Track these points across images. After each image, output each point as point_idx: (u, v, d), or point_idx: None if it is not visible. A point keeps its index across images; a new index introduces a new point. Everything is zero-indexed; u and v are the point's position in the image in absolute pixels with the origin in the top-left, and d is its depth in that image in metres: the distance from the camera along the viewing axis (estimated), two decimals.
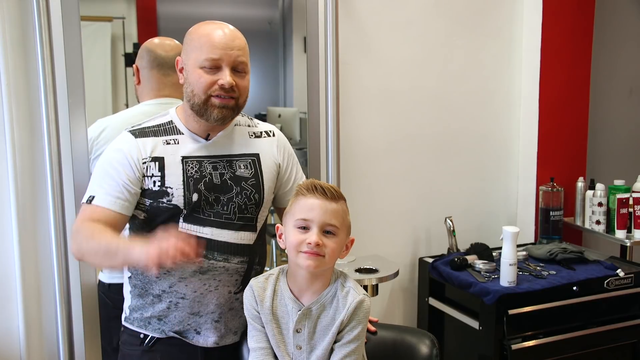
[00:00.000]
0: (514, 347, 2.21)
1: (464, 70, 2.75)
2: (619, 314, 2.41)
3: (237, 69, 1.52)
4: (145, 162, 1.54)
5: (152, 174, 1.54)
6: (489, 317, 2.24)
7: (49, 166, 1.99)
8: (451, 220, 2.62)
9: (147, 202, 1.55)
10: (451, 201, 2.77)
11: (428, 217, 2.74)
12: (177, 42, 2.04)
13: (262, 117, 2.93)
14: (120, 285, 1.70)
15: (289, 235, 1.39)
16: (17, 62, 1.97)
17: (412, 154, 2.69)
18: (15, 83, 1.97)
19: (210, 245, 1.55)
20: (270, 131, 1.71)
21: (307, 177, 2.34)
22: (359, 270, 2.34)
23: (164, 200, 1.53)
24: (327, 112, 2.39)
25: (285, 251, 1.43)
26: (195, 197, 1.54)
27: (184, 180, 1.55)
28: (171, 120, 1.61)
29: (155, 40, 2.04)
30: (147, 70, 2.01)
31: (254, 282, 1.46)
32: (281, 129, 1.78)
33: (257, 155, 1.65)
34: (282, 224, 1.46)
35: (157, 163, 1.55)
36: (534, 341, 2.26)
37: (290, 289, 1.43)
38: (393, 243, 2.69)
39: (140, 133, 1.57)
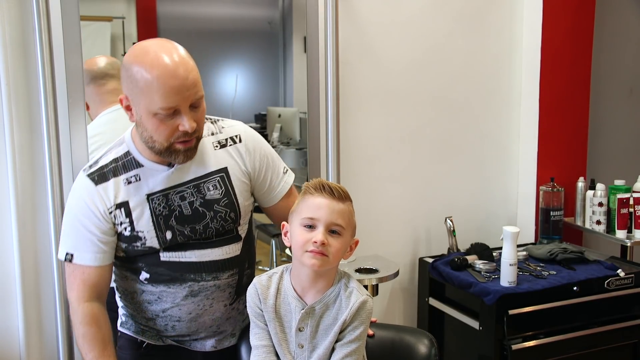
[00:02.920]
0: (514, 347, 2.21)
1: (464, 70, 2.74)
2: (619, 314, 2.41)
3: (194, 105, 1.39)
4: (111, 212, 1.47)
5: (121, 222, 1.47)
6: (489, 317, 2.24)
7: (48, 166, 1.99)
8: (451, 220, 2.62)
9: (123, 245, 1.50)
10: (451, 201, 2.77)
11: (428, 217, 2.74)
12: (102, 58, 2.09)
13: (262, 117, 2.93)
14: None
15: (294, 233, 1.39)
16: (17, 63, 1.97)
17: (412, 154, 2.69)
18: (15, 83, 1.97)
19: (197, 268, 1.52)
20: (236, 136, 1.57)
21: (307, 178, 2.34)
22: (359, 270, 2.34)
23: (138, 244, 1.49)
24: (327, 112, 2.39)
25: (290, 249, 1.43)
26: (169, 234, 1.48)
27: (153, 221, 1.47)
28: (128, 151, 1.50)
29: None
30: (87, 89, 2.03)
31: (258, 281, 1.46)
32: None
33: (224, 170, 1.54)
34: (287, 222, 1.45)
35: (122, 209, 1.47)
36: (534, 341, 2.26)
37: (293, 288, 1.43)
38: (393, 243, 2.69)
39: (99, 177, 1.48)
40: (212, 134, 1.55)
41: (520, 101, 2.84)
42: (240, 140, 1.57)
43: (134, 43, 2.59)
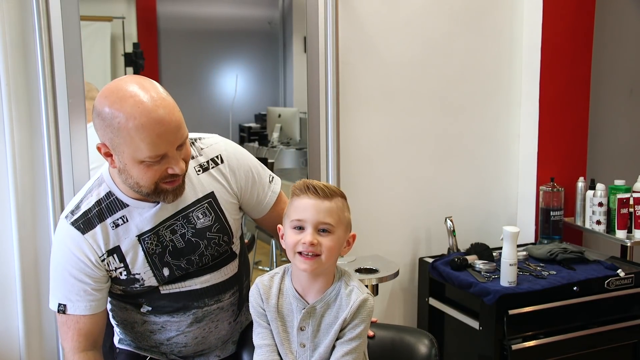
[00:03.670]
0: (514, 347, 2.21)
1: (464, 70, 2.74)
2: (619, 314, 2.41)
3: (180, 145, 1.32)
4: (104, 259, 1.42)
5: (116, 267, 1.43)
6: (489, 317, 2.24)
7: (48, 166, 1.99)
8: (451, 220, 2.62)
9: (120, 287, 1.47)
10: (451, 201, 2.77)
11: (428, 217, 2.74)
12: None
13: (262, 117, 2.93)
14: None
15: (286, 236, 1.39)
16: (17, 63, 1.97)
17: (412, 154, 2.69)
18: (15, 83, 1.97)
19: (199, 295, 1.50)
20: (217, 157, 1.50)
21: (307, 178, 2.34)
22: (359, 270, 2.34)
23: (137, 285, 1.46)
24: (327, 112, 2.39)
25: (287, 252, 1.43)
26: (166, 271, 1.45)
27: (148, 261, 1.44)
28: (110, 192, 1.42)
29: None
30: None
31: (260, 281, 1.47)
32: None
33: (211, 195, 1.48)
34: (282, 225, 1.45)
35: (115, 255, 1.42)
36: (534, 341, 2.26)
37: (294, 288, 1.43)
38: (393, 243, 2.69)
39: (85, 225, 1.40)
40: (192, 157, 1.47)
41: (520, 101, 2.84)
42: (222, 161, 1.51)
43: (134, 43, 2.59)
